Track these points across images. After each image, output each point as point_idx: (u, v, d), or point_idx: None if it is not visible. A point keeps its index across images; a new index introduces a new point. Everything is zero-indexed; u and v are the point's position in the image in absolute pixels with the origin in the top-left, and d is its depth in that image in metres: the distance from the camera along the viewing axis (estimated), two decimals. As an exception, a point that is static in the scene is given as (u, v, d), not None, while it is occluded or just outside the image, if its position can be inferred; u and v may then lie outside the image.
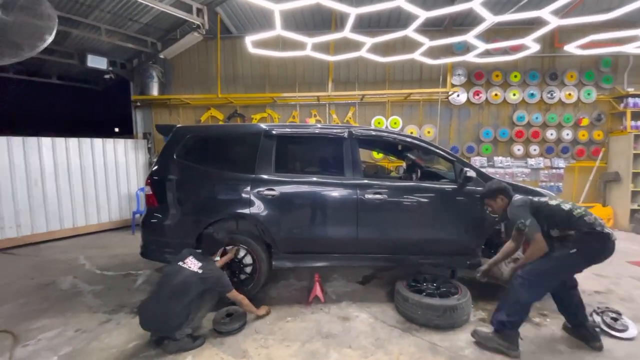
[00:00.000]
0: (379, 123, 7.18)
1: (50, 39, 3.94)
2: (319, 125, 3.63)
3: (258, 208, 3.19)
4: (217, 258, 2.95)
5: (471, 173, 3.06)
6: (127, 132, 8.05)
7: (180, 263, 2.68)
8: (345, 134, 3.34)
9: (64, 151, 6.07)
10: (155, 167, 3.30)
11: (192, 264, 2.66)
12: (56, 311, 3.27)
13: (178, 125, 3.43)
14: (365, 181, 3.23)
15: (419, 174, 3.69)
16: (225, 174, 3.27)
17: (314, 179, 3.27)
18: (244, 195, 3.20)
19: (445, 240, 3.26)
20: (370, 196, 3.17)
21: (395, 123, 7.16)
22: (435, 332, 2.77)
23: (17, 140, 5.53)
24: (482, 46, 4.89)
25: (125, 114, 7.96)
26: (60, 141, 6.04)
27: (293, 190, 3.25)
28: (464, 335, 2.72)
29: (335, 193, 3.23)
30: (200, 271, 2.61)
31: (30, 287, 3.87)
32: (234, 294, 2.76)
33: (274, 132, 3.34)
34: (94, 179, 6.45)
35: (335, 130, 3.41)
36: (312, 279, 3.87)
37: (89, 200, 6.40)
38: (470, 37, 4.64)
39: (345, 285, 3.78)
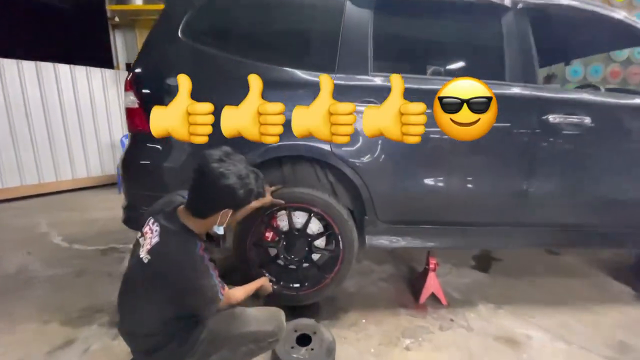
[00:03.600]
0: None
1: None
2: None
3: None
4: (220, 230, 1.18)
5: None
6: (105, 63, 6.16)
7: (139, 234, 1.20)
8: (508, 2, 1.76)
9: (17, 79, 4.36)
10: (143, 55, 1.71)
11: (148, 237, 1.13)
12: (-19, 318, 1.86)
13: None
14: (554, 95, 1.71)
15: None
16: (277, 72, 1.70)
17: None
18: (315, 115, 1.67)
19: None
20: (560, 119, 1.67)
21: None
22: None
23: (-61, 55, 3.81)
24: None
25: (101, 39, 6.06)
26: (10, 64, 4.30)
27: (409, 106, 1.73)
28: None
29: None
30: (146, 257, 1.10)
31: (-49, 271, 2.42)
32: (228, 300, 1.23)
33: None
34: (62, 121, 4.80)
35: None
36: (395, 261, 2.51)
37: (59, 150, 4.80)
38: None
39: (457, 273, 2.39)
